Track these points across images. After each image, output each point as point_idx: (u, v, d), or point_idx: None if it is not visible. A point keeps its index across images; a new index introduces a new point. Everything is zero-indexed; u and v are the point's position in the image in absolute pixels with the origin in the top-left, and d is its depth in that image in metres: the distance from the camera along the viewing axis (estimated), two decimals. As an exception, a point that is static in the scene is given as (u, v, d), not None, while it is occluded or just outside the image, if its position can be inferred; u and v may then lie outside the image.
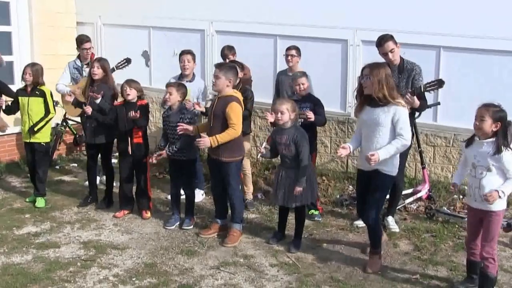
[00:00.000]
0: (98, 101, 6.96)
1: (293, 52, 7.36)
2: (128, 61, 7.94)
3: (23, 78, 7.34)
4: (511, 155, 4.73)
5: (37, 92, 7.29)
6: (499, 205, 4.83)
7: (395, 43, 6.26)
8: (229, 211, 6.57)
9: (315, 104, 6.75)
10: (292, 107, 5.94)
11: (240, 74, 7.12)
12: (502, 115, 4.74)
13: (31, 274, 5.41)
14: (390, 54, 6.24)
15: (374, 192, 5.50)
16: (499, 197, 4.72)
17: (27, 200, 7.58)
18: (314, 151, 6.91)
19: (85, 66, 8.11)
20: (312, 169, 6.15)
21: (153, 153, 6.79)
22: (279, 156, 6.18)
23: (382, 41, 6.27)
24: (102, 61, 7.26)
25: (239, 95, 6.30)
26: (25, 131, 7.41)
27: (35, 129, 7.29)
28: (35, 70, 7.26)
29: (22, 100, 7.34)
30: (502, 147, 4.70)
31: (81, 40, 8.18)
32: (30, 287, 5.17)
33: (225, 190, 6.40)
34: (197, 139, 6.20)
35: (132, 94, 6.81)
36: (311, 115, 6.52)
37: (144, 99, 7.05)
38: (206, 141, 6.11)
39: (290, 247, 6.09)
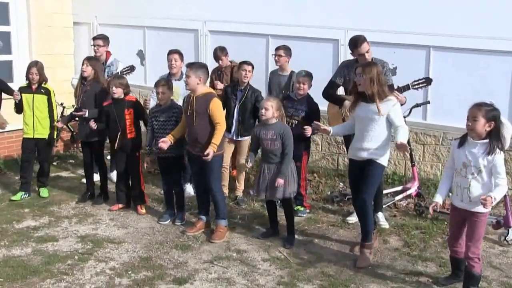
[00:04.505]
0: (86, 114, 7.08)
1: (281, 52, 7.45)
2: (132, 68, 8.04)
3: (27, 78, 7.40)
4: (502, 158, 4.56)
5: (42, 90, 7.39)
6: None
7: (368, 43, 6.34)
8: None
9: (312, 112, 6.69)
10: (276, 105, 6.02)
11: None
12: (495, 114, 4.54)
13: (31, 266, 5.51)
14: (366, 55, 6.30)
15: (366, 179, 5.63)
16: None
17: (12, 198, 7.52)
18: (306, 148, 6.98)
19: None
20: (294, 165, 6.17)
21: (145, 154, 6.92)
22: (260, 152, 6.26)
23: (358, 43, 6.31)
24: (92, 61, 7.38)
25: (212, 90, 6.43)
26: (29, 126, 7.46)
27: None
28: (40, 69, 7.35)
29: (27, 97, 7.40)
30: (495, 148, 4.53)
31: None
32: (30, 279, 5.25)
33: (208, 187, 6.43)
34: (205, 154, 6.04)
35: (118, 93, 6.87)
36: (308, 132, 6.21)
37: (129, 94, 7.06)
38: (211, 152, 6.06)
39: (285, 243, 6.15)
